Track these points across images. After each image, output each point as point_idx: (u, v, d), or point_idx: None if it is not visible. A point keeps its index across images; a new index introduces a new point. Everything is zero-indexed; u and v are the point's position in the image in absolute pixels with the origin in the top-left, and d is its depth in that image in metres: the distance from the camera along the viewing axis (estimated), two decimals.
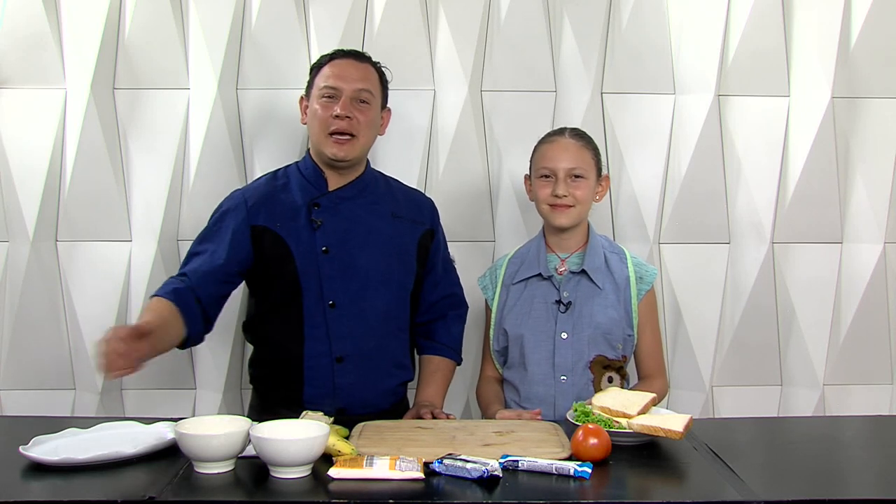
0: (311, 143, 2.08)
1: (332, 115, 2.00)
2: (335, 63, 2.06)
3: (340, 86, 2.02)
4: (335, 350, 1.99)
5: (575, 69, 2.55)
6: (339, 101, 2.01)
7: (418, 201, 2.20)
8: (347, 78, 2.03)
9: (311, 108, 2.05)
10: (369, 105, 2.04)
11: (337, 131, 2.00)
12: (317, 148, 2.05)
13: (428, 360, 2.19)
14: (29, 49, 2.47)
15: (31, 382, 2.55)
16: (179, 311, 1.89)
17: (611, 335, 2.09)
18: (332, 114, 2.00)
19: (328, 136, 2.01)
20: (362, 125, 2.02)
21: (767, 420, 2.41)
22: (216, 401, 2.56)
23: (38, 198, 2.48)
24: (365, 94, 2.04)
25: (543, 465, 1.52)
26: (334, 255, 2.00)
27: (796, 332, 2.61)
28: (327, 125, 2.01)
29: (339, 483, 1.46)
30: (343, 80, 2.02)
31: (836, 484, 1.58)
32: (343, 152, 2.01)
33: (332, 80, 2.02)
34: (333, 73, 2.04)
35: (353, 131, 2.01)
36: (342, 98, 2.01)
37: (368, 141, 2.07)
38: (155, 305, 1.89)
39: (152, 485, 1.45)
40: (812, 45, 2.54)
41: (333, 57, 2.08)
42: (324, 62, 2.08)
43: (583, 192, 2.11)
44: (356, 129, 2.01)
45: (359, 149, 2.04)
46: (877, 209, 2.59)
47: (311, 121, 2.05)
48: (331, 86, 2.02)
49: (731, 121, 2.57)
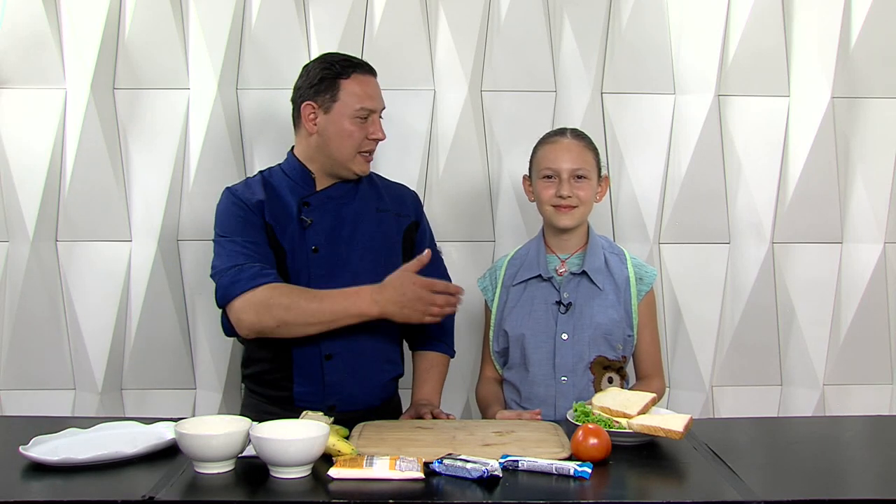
0: (331, 156, 2.04)
1: (366, 137, 2.03)
2: (362, 80, 2.04)
3: (375, 107, 2.05)
4: (323, 348, 1.99)
5: (575, 69, 2.55)
6: (370, 122, 2.03)
7: (401, 194, 2.20)
8: (377, 99, 2.06)
9: (340, 125, 2.01)
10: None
11: (368, 150, 2.06)
12: (341, 163, 2.04)
13: (422, 356, 2.19)
14: (29, 49, 2.47)
15: (31, 382, 2.55)
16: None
17: (611, 336, 2.09)
18: (366, 135, 2.03)
19: (360, 154, 2.04)
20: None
21: (767, 420, 2.41)
22: (216, 401, 2.57)
23: (38, 198, 2.48)
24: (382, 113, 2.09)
25: (543, 465, 1.52)
26: (323, 255, 2.01)
27: (796, 332, 2.61)
28: (362, 145, 2.03)
29: (339, 483, 1.46)
30: (374, 101, 2.05)
31: (836, 484, 1.58)
32: (369, 168, 2.09)
33: (369, 102, 2.03)
34: (367, 93, 2.03)
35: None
36: (376, 120, 2.05)
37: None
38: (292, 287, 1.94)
39: (152, 485, 1.45)
40: (812, 45, 2.54)
41: (355, 70, 2.04)
42: (343, 74, 2.02)
43: (586, 192, 2.11)
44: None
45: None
46: (877, 209, 2.59)
47: (341, 137, 2.01)
48: (368, 108, 2.02)
49: (731, 121, 2.57)
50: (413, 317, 1.89)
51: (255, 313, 1.89)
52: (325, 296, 1.90)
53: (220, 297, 1.94)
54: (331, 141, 2.02)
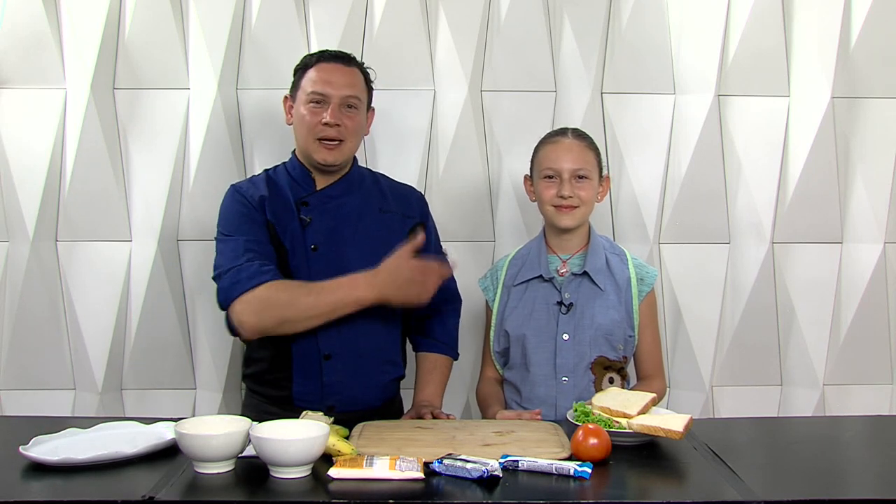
0: (298, 146, 2.08)
1: (320, 122, 2.00)
2: (322, 67, 2.04)
3: (329, 92, 2.01)
4: (323, 348, 1.99)
5: (575, 69, 2.55)
6: (326, 107, 2.01)
7: (407, 195, 2.19)
8: (335, 84, 2.02)
9: (298, 112, 2.05)
10: (356, 110, 2.06)
11: (325, 137, 2.02)
12: (304, 152, 2.06)
13: (425, 357, 2.19)
14: (29, 49, 2.47)
15: (31, 382, 2.55)
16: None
17: (612, 336, 2.09)
18: (320, 120, 2.00)
19: (316, 140, 2.02)
20: (350, 130, 2.04)
21: (767, 420, 2.41)
22: (216, 401, 2.57)
23: (38, 198, 2.48)
24: (352, 100, 2.04)
25: (543, 465, 1.52)
26: (323, 253, 2.01)
27: (796, 332, 2.62)
28: (315, 131, 2.02)
29: (339, 483, 1.46)
30: (331, 86, 2.02)
31: (836, 484, 1.58)
32: (332, 157, 2.03)
33: (321, 87, 2.01)
34: (321, 78, 2.02)
35: (341, 137, 2.03)
36: (331, 105, 2.01)
37: (356, 144, 2.09)
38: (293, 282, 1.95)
39: (152, 485, 1.45)
40: (812, 45, 2.54)
41: (320, 59, 2.06)
42: (310, 63, 2.06)
43: (587, 192, 2.11)
44: (344, 134, 2.03)
45: (346, 153, 2.06)
46: (877, 209, 2.59)
47: (299, 125, 2.05)
48: (319, 91, 2.01)
49: (731, 121, 2.57)
50: (410, 298, 1.91)
51: (255, 314, 1.89)
52: (323, 288, 1.91)
53: (222, 300, 1.94)
54: (296, 130, 2.07)
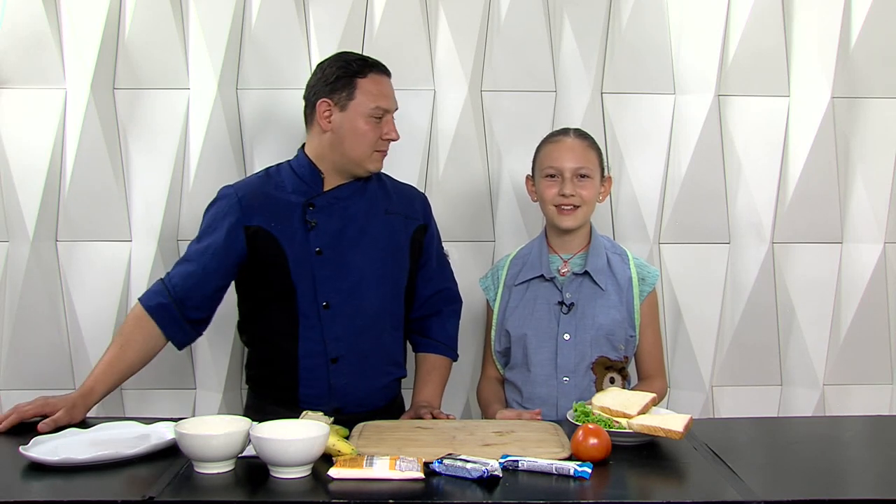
0: (346, 154, 2.02)
1: (382, 137, 2.03)
2: (380, 80, 2.04)
3: (390, 107, 2.05)
4: (330, 351, 1.99)
5: (575, 69, 2.55)
6: (384, 121, 2.03)
7: (410, 196, 2.19)
8: (391, 98, 2.06)
9: (355, 124, 2.00)
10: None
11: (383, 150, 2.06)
12: (356, 161, 2.03)
13: (424, 358, 2.18)
14: (29, 49, 2.47)
15: (31, 382, 2.55)
16: (158, 325, 1.97)
17: (613, 336, 2.09)
18: (382, 135, 2.03)
19: (376, 152, 2.05)
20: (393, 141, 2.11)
21: (767, 420, 2.41)
22: (216, 401, 2.56)
23: (38, 198, 2.48)
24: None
25: (543, 465, 1.52)
26: (328, 257, 2.00)
27: (796, 331, 2.61)
28: (377, 145, 2.04)
29: (339, 483, 1.46)
30: (390, 100, 2.05)
31: (836, 484, 1.58)
32: (382, 165, 2.09)
33: (384, 102, 2.03)
34: (382, 92, 2.03)
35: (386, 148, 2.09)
36: (390, 120, 2.05)
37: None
38: (128, 333, 1.97)
39: (152, 485, 1.45)
40: (812, 45, 2.54)
41: (372, 70, 2.04)
42: (362, 73, 2.02)
43: (589, 192, 2.11)
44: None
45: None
46: (877, 209, 2.59)
47: (356, 136, 2.01)
48: (383, 107, 2.03)
49: (731, 121, 2.57)
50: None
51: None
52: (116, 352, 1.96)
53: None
54: (345, 139, 2.01)
